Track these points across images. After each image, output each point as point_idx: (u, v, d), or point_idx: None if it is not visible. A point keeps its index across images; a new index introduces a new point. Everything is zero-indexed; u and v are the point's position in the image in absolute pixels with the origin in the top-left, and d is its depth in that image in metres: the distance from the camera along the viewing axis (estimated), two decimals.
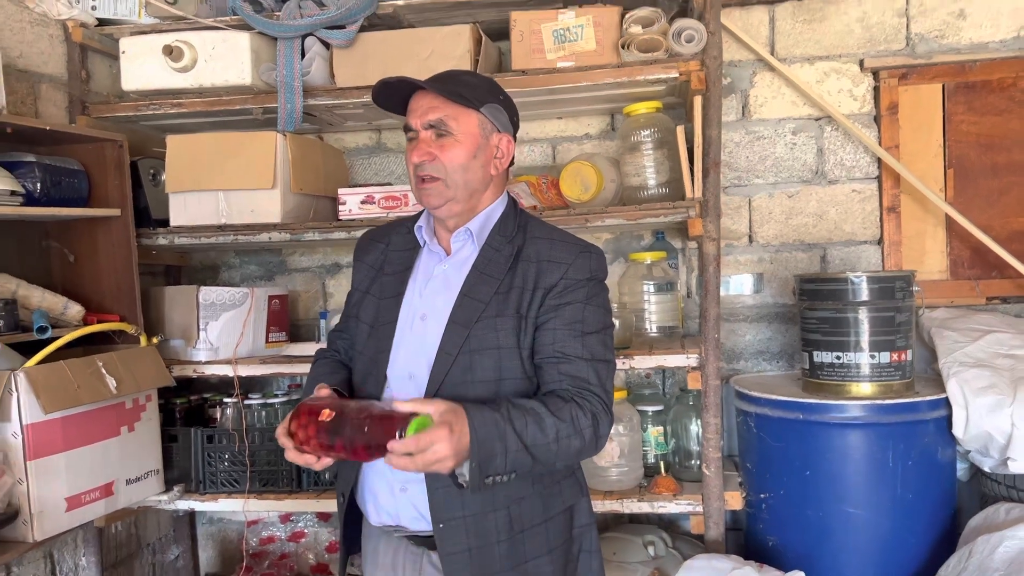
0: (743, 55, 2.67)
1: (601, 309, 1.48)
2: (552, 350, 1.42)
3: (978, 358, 2.20)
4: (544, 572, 1.44)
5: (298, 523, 2.93)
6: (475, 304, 1.44)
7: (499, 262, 1.47)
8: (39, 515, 1.94)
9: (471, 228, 1.51)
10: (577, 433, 1.34)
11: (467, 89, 1.46)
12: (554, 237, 1.51)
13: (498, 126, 1.50)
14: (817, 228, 2.68)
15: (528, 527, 1.43)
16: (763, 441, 2.27)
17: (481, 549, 1.39)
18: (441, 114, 1.44)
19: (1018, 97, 2.55)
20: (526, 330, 1.43)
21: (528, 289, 1.44)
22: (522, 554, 1.42)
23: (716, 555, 2.05)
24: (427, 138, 1.46)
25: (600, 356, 1.43)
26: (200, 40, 2.39)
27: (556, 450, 1.33)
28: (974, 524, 2.07)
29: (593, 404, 1.38)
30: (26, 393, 1.90)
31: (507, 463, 1.29)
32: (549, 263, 1.45)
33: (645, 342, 2.47)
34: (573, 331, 1.42)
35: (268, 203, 2.39)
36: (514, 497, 1.41)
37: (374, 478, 1.49)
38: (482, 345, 1.41)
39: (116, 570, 2.64)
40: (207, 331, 2.44)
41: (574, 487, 1.53)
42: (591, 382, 1.40)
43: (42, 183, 2.12)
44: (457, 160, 1.45)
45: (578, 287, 1.44)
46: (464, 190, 1.48)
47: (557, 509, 1.48)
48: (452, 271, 1.51)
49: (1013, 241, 2.54)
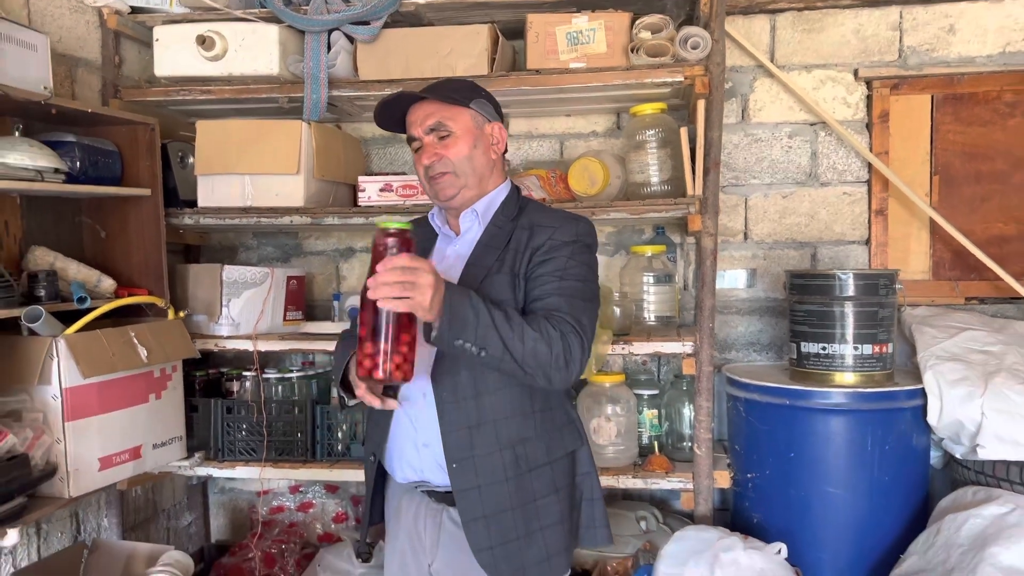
0: (744, 61, 2.82)
1: (584, 266, 1.61)
2: (534, 295, 1.57)
3: (954, 353, 2.36)
4: (552, 511, 1.59)
5: (307, 494, 3.07)
6: (479, 270, 1.60)
7: (501, 236, 1.64)
8: (74, 473, 2.07)
9: (477, 209, 1.67)
10: (544, 339, 1.45)
11: (454, 91, 1.65)
12: (547, 211, 1.69)
13: (487, 116, 1.68)
14: (809, 228, 2.83)
15: (534, 467, 1.58)
16: (751, 425, 2.42)
17: (491, 487, 1.54)
18: (438, 117, 1.62)
19: (1002, 109, 2.71)
20: (519, 286, 1.58)
21: (520, 251, 1.60)
22: (531, 493, 1.57)
23: (704, 527, 2.20)
24: (431, 142, 1.63)
25: (577, 295, 1.55)
26: (231, 31, 2.52)
27: (523, 349, 1.44)
28: (943, 505, 2.23)
29: (563, 325, 1.49)
30: (66, 359, 2.03)
31: (477, 334, 1.41)
32: (539, 227, 1.62)
33: (643, 330, 2.61)
34: (553, 277, 1.56)
35: (292, 188, 2.52)
36: (517, 438, 1.57)
37: (401, 437, 1.64)
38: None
39: (135, 532, 2.78)
40: (229, 307, 2.58)
41: (573, 433, 1.68)
42: (563, 310, 1.52)
43: (81, 162, 2.25)
44: (461, 153, 1.63)
45: (563, 246, 1.59)
46: (473, 176, 1.65)
47: (559, 453, 1.63)
48: (463, 248, 1.67)
49: (992, 245, 2.69)
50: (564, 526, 1.61)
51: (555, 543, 1.59)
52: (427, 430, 1.58)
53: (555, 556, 1.59)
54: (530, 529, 1.56)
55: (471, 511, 1.55)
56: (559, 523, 1.60)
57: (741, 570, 2.00)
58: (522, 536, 1.56)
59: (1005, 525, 1.97)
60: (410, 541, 1.68)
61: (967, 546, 1.98)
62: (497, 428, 1.56)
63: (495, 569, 1.54)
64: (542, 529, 1.58)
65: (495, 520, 1.55)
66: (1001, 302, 2.72)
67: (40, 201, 2.34)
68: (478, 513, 1.55)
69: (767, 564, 2.01)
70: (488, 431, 1.56)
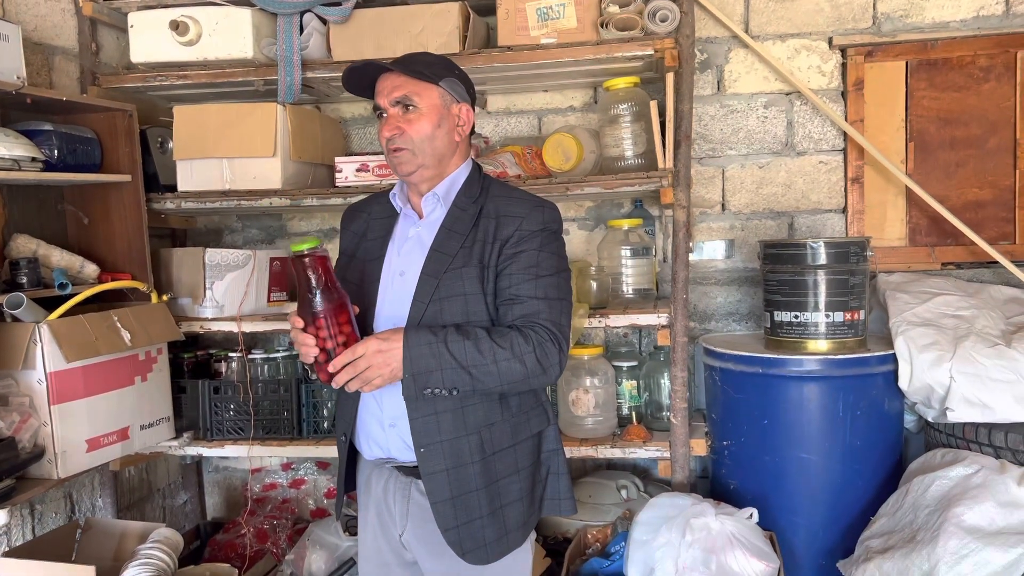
0: (719, 32, 2.82)
1: (555, 256, 1.64)
2: (508, 293, 1.59)
3: (925, 318, 2.38)
4: (512, 489, 1.64)
5: (298, 471, 3.13)
6: (443, 257, 1.62)
7: (464, 220, 1.65)
8: (62, 455, 2.13)
9: (438, 192, 1.68)
10: (516, 357, 1.52)
11: (425, 67, 1.64)
12: (512, 195, 1.69)
13: (456, 97, 1.68)
14: (786, 197, 2.85)
15: (498, 449, 1.62)
16: (726, 393, 2.46)
17: (457, 469, 1.59)
18: (405, 91, 1.62)
19: (976, 75, 2.71)
20: (488, 278, 1.61)
21: (489, 242, 1.62)
22: (493, 473, 1.61)
23: (678, 494, 2.25)
24: (395, 114, 1.63)
25: (553, 296, 1.60)
26: (204, 15, 2.53)
27: (497, 371, 1.51)
28: (913, 468, 2.26)
29: (539, 333, 1.54)
30: (49, 344, 2.08)
31: (444, 379, 1.50)
32: (506, 217, 1.63)
33: (621, 303, 2.65)
34: (527, 275, 1.59)
35: (269, 170, 2.55)
36: (484, 423, 1.61)
37: (367, 417, 1.68)
38: (450, 292, 1.59)
39: (130, 512, 2.85)
40: (213, 290, 2.62)
41: (541, 416, 1.72)
42: (540, 316, 1.56)
43: (59, 150, 2.28)
44: (423, 131, 1.63)
45: (532, 237, 1.61)
46: (432, 157, 1.65)
47: (524, 435, 1.67)
48: (425, 231, 1.68)
49: (967, 211, 2.71)
50: (523, 503, 1.66)
51: (514, 519, 1.64)
52: (392, 410, 1.62)
53: (513, 531, 1.64)
54: (493, 508, 1.61)
55: (438, 493, 1.59)
56: (519, 500, 1.65)
57: (712, 535, 2.04)
58: (485, 515, 1.60)
59: (970, 486, 2.00)
60: (379, 514, 1.73)
61: (933, 507, 2.03)
62: (465, 413, 1.60)
63: (459, 546, 1.60)
64: (503, 507, 1.62)
65: (461, 501, 1.59)
66: (977, 266, 2.74)
67: (21, 189, 2.38)
68: (446, 495, 1.59)
69: (738, 528, 2.06)
70: (457, 416, 1.59)
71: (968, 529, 1.92)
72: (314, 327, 1.53)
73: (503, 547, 1.63)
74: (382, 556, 1.74)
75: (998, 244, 2.64)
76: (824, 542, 2.35)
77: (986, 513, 1.94)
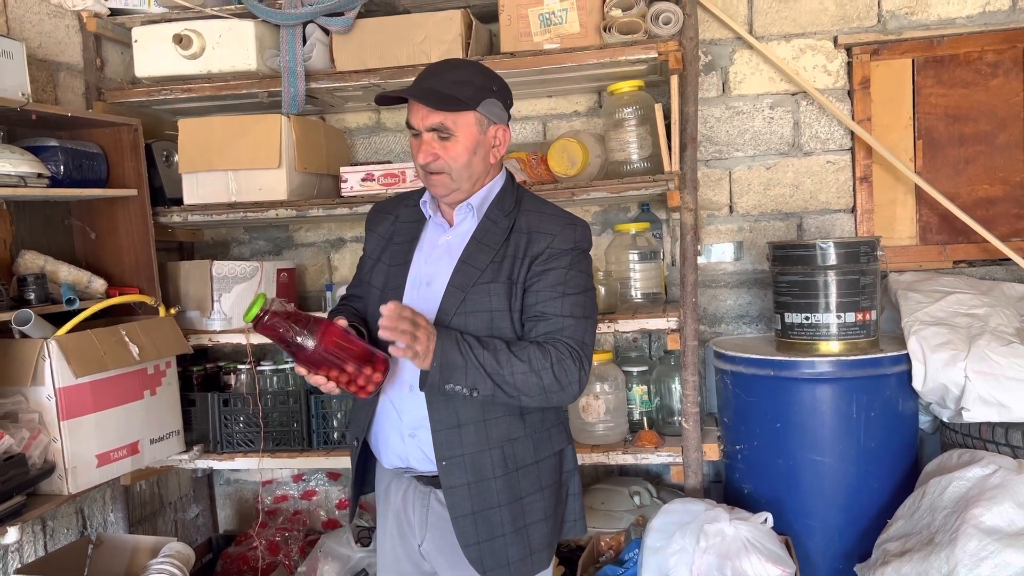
0: (723, 33, 2.80)
1: (583, 275, 1.63)
2: (535, 310, 1.58)
3: (938, 317, 2.36)
4: (537, 508, 1.62)
5: (309, 482, 3.13)
6: (472, 270, 1.60)
7: (496, 233, 1.63)
8: (72, 470, 2.12)
9: (472, 203, 1.66)
10: (534, 371, 1.51)
11: (462, 89, 1.57)
12: (544, 211, 1.67)
13: (493, 119, 1.63)
14: (794, 198, 2.83)
15: (521, 466, 1.60)
16: (738, 397, 2.44)
17: (479, 484, 1.57)
18: (441, 118, 1.57)
19: (983, 70, 2.68)
20: (516, 294, 1.59)
21: (519, 257, 1.60)
22: (517, 491, 1.60)
23: (692, 499, 2.22)
24: (430, 139, 1.59)
25: (579, 314, 1.59)
26: (207, 28, 2.54)
27: (514, 382, 1.50)
28: (929, 469, 2.24)
29: (559, 349, 1.54)
30: (58, 359, 2.08)
31: (467, 377, 1.48)
32: (538, 233, 1.61)
33: (630, 307, 2.63)
34: (555, 292, 1.58)
35: (275, 181, 2.55)
36: (507, 438, 1.59)
37: (387, 426, 1.66)
38: (476, 308, 1.58)
39: (141, 526, 2.84)
40: (220, 302, 2.62)
41: (561, 434, 1.71)
42: (564, 333, 1.56)
43: (65, 166, 2.28)
44: (460, 159, 1.59)
45: (562, 255, 1.60)
46: (468, 181, 1.63)
47: (546, 452, 1.65)
48: (455, 241, 1.66)
49: (978, 208, 2.68)
50: (548, 523, 1.65)
51: (539, 539, 1.62)
52: (413, 420, 1.60)
53: (537, 552, 1.62)
54: (516, 526, 1.59)
55: (460, 507, 1.58)
56: (543, 520, 1.63)
57: (727, 540, 2.02)
58: (508, 532, 1.59)
59: (987, 487, 1.97)
60: (398, 524, 1.72)
61: (951, 508, 2.00)
62: (488, 427, 1.58)
63: (480, 564, 1.58)
64: (527, 526, 1.61)
65: (483, 516, 1.58)
66: (989, 264, 2.71)
67: (28, 206, 2.38)
68: (467, 510, 1.58)
69: (752, 533, 2.03)
70: (479, 429, 1.58)
71: (987, 531, 1.89)
72: (316, 368, 1.51)
73: (527, 568, 1.61)
74: (401, 566, 1.73)
75: (1010, 241, 2.62)
76: (840, 546, 2.32)
77: (1005, 514, 1.91)
